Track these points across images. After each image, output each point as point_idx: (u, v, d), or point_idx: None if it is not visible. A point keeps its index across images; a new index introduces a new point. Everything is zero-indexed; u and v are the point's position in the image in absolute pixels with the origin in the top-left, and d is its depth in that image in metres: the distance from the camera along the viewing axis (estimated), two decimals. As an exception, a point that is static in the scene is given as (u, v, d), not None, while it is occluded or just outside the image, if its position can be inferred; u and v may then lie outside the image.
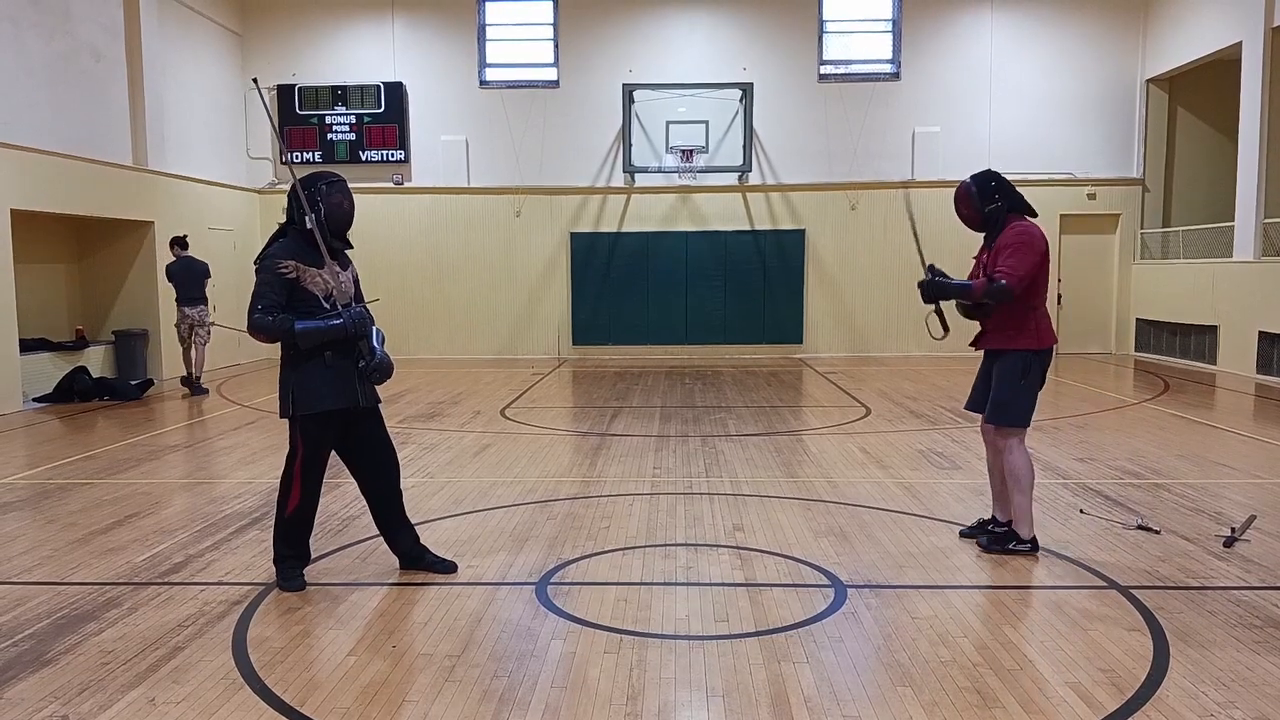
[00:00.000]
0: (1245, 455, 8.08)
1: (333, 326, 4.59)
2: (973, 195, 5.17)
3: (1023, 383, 5.07)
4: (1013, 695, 3.56)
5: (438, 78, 17.26)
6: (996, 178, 5.18)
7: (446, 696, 3.57)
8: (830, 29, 17.16)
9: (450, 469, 7.72)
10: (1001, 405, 5.13)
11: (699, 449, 8.45)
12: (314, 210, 4.63)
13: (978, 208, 5.16)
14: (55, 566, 5.23)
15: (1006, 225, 5.12)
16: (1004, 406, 5.12)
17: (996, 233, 5.14)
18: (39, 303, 12.83)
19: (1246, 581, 4.78)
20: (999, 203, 5.14)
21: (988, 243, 5.22)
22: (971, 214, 5.20)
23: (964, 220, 5.27)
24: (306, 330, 4.56)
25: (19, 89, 11.61)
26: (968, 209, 5.21)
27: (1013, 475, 5.14)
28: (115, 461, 8.17)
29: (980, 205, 5.15)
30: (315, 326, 4.58)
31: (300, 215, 4.62)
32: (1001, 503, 5.38)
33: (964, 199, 5.21)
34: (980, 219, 5.18)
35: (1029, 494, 5.18)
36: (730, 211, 17.30)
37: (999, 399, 5.13)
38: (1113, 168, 17.03)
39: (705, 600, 4.59)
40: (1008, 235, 5.07)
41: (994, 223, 5.15)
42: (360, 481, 5.01)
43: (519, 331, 17.59)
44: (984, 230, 5.23)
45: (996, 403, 5.14)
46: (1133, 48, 16.87)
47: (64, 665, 3.89)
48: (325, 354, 4.64)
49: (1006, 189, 5.16)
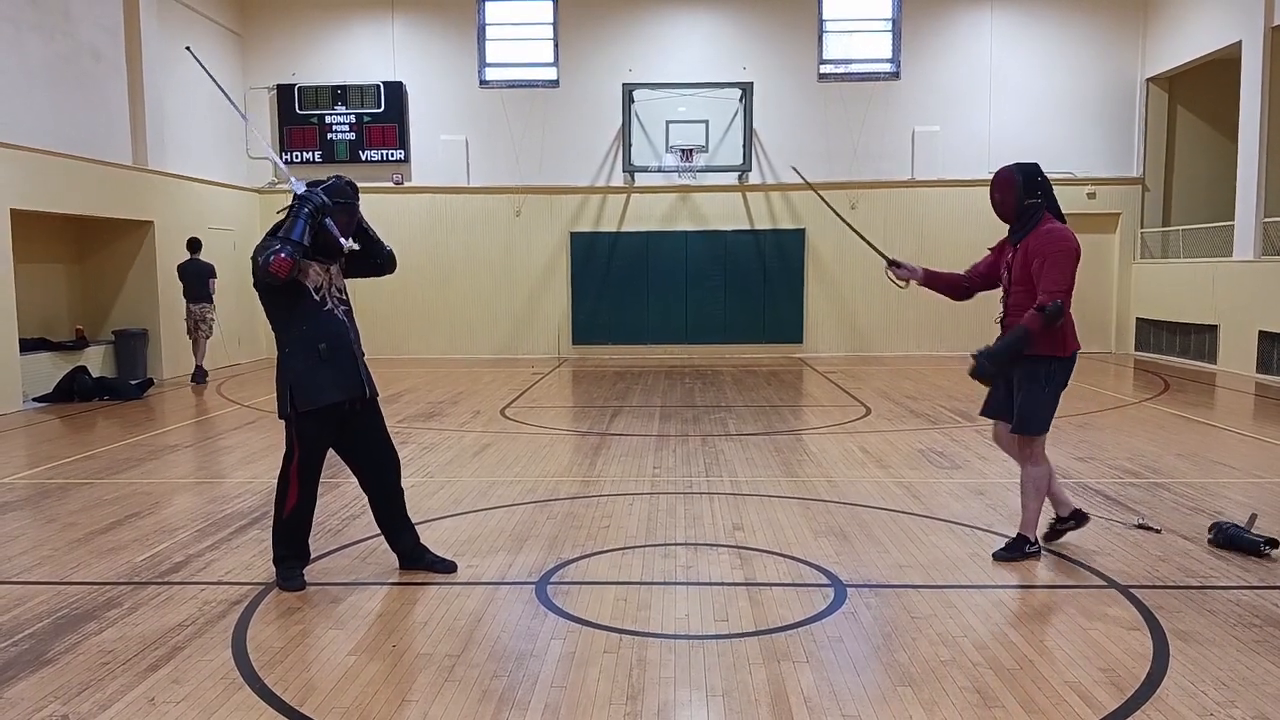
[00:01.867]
0: (1245, 454, 8.07)
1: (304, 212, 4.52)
2: (1017, 185, 4.94)
3: (1046, 391, 4.93)
4: (1013, 695, 3.55)
5: (438, 77, 17.26)
6: (1043, 174, 5.00)
7: (446, 696, 3.57)
8: (830, 28, 17.16)
9: (450, 468, 7.72)
10: (1027, 416, 4.97)
11: (699, 448, 8.45)
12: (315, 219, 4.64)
13: (1019, 198, 4.93)
14: (55, 566, 5.23)
15: (1039, 224, 4.91)
16: (1029, 417, 4.97)
17: (1026, 231, 4.93)
18: (39, 302, 12.82)
19: (1246, 581, 4.78)
20: (1039, 200, 4.94)
21: (1014, 239, 5.01)
22: (1009, 202, 4.97)
23: (996, 206, 5.04)
24: (297, 229, 4.50)
25: (19, 89, 11.61)
26: (1007, 197, 4.97)
27: (1035, 483, 5.06)
28: (115, 461, 8.17)
29: (1022, 196, 4.93)
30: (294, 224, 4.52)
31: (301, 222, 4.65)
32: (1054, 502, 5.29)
33: (1007, 185, 4.97)
34: (1016, 211, 4.97)
35: (1043, 500, 5.13)
36: (730, 211, 17.30)
37: (1025, 410, 4.97)
38: (1113, 167, 17.03)
39: (705, 600, 4.59)
40: (1043, 240, 4.84)
41: (1027, 219, 4.94)
42: (360, 480, 5.01)
43: (519, 331, 17.59)
44: (1012, 222, 5.01)
45: (1022, 414, 4.98)
46: (1133, 47, 16.87)
47: (64, 665, 3.89)
48: (320, 347, 4.63)
49: (1049, 188, 4.98)
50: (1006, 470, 7.40)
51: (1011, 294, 5.02)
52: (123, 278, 14.00)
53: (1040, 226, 4.90)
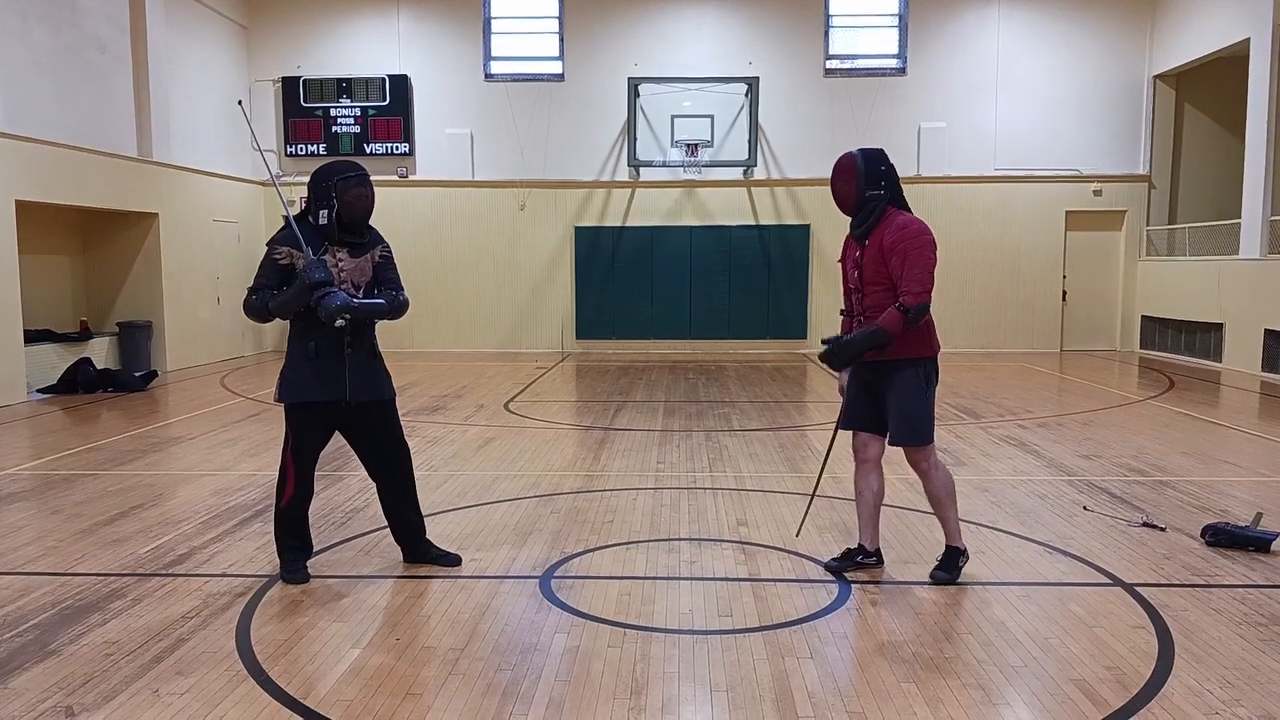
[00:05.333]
0: (1250, 453, 8.06)
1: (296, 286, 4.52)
2: (859, 172, 4.52)
3: (927, 394, 4.56)
4: (1017, 692, 3.55)
5: (443, 71, 17.24)
6: (888, 162, 4.59)
7: (450, 689, 3.57)
8: (836, 24, 17.11)
9: (454, 462, 7.72)
10: (912, 423, 4.55)
11: (703, 444, 8.44)
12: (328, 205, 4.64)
13: (860, 188, 4.52)
14: (59, 557, 5.24)
15: (885, 217, 4.53)
16: (916, 425, 4.55)
17: (872, 225, 4.55)
18: (43, 294, 12.84)
19: (1251, 579, 4.77)
20: (883, 191, 4.54)
21: (858, 235, 4.62)
22: (848, 193, 4.57)
23: (836, 196, 4.64)
24: (280, 300, 4.55)
25: (25, 80, 11.60)
26: (846, 186, 4.56)
27: (945, 491, 4.66)
28: (119, 453, 8.18)
29: (863, 186, 4.52)
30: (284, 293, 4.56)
31: (316, 208, 4.66)
32: (871, 529, 4.88)
33: (847, 173, 4.55)
34: (856, 201, 4.56)
35: (956, 505, 4.74)
36: (735, 206, 17.27)
37: (910, 416, 4.54)
38: (1119, 164, 16.97)
39: (709, 595, 4.58)
40: (897, 233, 4.46)
41: (869, 212, 4.55)
42: (369, 474, 5.02)
43: (523, 325, 17.58)
44: (852, 215, 4.62)
45: (908, 422, 4.55)
46: (1140, 44, 16.81)
47: (68, 656, 3.90)
48: (311, 344, 4.63)
49: (893, 178, 4.58)
50: (1011, 467, 7.40)
51: (868, 294, 4.60)
52: (127, 270, 14.01)
53: (889, 220, 4.53)
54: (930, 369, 4.60)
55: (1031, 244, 16.94)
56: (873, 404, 4.72)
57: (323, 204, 4.65)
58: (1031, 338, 16.99)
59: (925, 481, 4.71)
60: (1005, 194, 16.96)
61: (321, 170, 4.71)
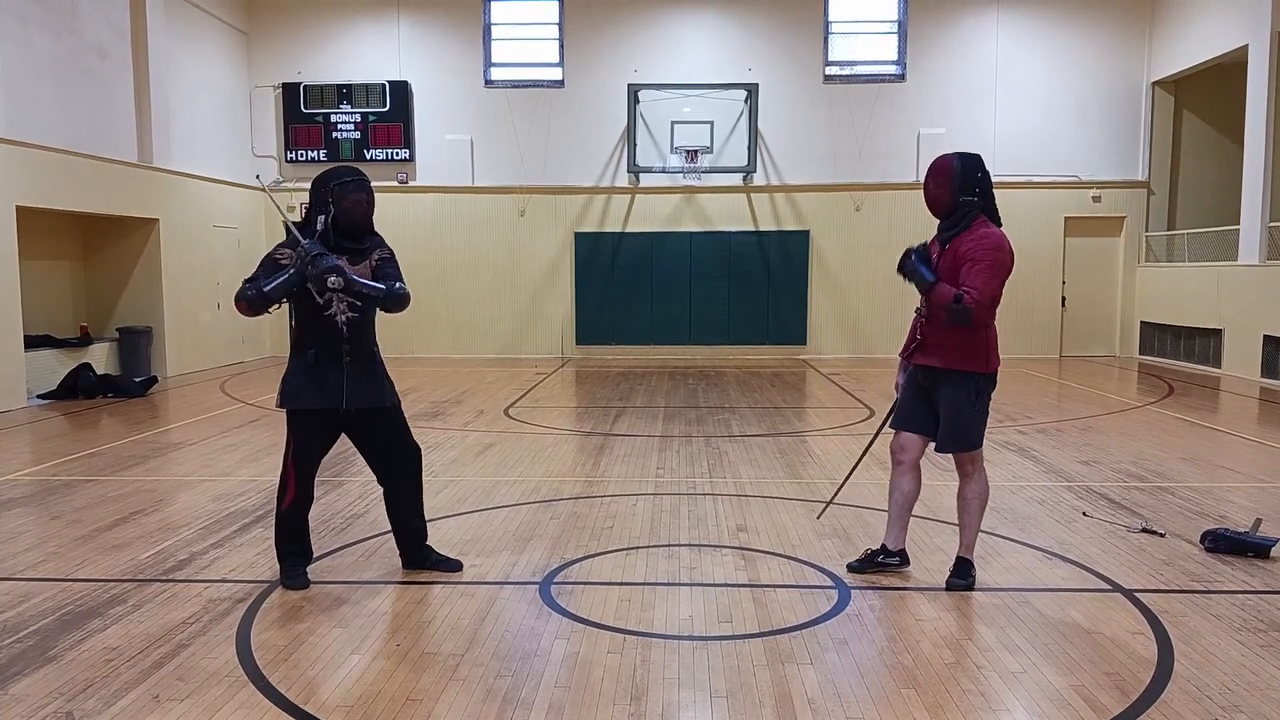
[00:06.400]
0: (1249, 459, 8.06)
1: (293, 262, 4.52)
2: (955, 175, 4.52)
3: (976, 407, 4.59)
4: (1017, 698, 3.55)
5: (443, 77, 17.27)
6: (984, 169, 4.60)
7: (450, 695, 3.57)
8: (836, 30, 17.15)
9: (454, 468, 7.72)
10: (958, 434, 4.61)
11: (703, 449, 8.44)
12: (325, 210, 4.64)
13: (955, 192, 4.53)
14: (60, 563, 5.24)
15: (974, 225, 4.53)
16: (961, 436, 4.61)
17: (958, 230, 4.54)
18: (44, 299, 12.84)
19: (1251, 585, 4.77)
20: (976, 198, 4.55)
21: (943, 238, 4.62)
22: (943, 195, 4.56)
23: (929, 198, 4.62)
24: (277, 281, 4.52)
25: (26, 86, 11.62)
26: (940, 189, 4.56)
27: (980, 499, 4.71)
28: (119, 458, 8.18)
29: (958, 190, 4.52)
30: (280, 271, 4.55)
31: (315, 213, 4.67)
32: (897, 529, 4.92)
33: (944, 174, 4.56)
34: (949, 205, 4.55)
35: (982, 517, 4.78)
36: (734, 212, 17.29)
37: (957, 427, 4.60)
38: (1118, 170, 17.00)
39: (709, 601, 4.59)
40: (976, 242, 4.47)
41: (960, 217, 4.55)
42: (377, 480, 5.03)
43: (523, 331, 17.59)
44: (944, 218, 4.61)
45: (955, 433, 4.61)
46: (1138, 50, 16.85)
47: (68, 662, 3.90)
48: (310, 352, 4.64)
49: (988, 186, 4.59)
50: (1010, 474, 7.40)
51: None
52: (128, 275, 14.02)
53: (974, 229, 4.52)
54: (985, 383, 4.61)
55: (1031, 250, 16.88)
56: (923, 407, 4.78)
57: (320, 209, 4.65)
58: (1031, 343, 17.01)
59: (965, 482, 4.74)
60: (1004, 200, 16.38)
61: (320, 176, 4.73)
